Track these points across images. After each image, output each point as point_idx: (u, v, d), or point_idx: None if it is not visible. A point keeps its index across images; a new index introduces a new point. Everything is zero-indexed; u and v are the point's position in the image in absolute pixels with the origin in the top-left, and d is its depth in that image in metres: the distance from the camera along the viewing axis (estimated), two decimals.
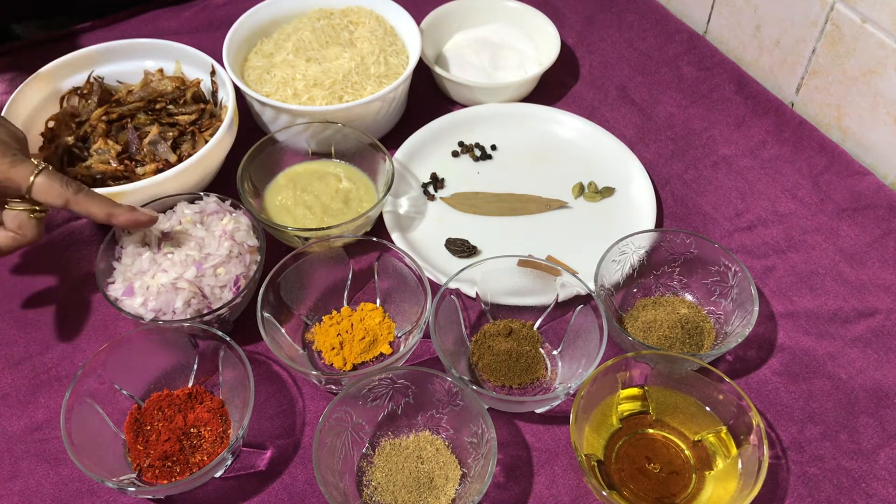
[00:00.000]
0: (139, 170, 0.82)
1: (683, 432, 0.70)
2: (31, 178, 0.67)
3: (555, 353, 0.77)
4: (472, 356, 0.76)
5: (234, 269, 0.74)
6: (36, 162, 0.68)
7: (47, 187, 0.67)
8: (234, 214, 0.78)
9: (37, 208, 0.69)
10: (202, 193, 0.80)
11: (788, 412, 0.74)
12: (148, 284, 0.72)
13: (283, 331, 0.75)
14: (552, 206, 0.90)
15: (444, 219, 0.89)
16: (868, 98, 0.92)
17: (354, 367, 0.75)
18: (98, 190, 0.76)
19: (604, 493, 0.62)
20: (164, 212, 0.78)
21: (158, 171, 0.81)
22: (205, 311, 0.72)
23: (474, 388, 0.67)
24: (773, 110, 1.00)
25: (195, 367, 0.73)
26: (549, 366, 0.76)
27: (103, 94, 0.88)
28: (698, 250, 0.79)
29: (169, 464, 0.67)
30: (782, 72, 1.02)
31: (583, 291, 0.74)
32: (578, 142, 0.96)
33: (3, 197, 0.69)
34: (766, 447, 0.64)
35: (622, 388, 0.71)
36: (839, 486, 0.70)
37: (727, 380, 0.68)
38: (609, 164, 0.93)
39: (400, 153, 0.92)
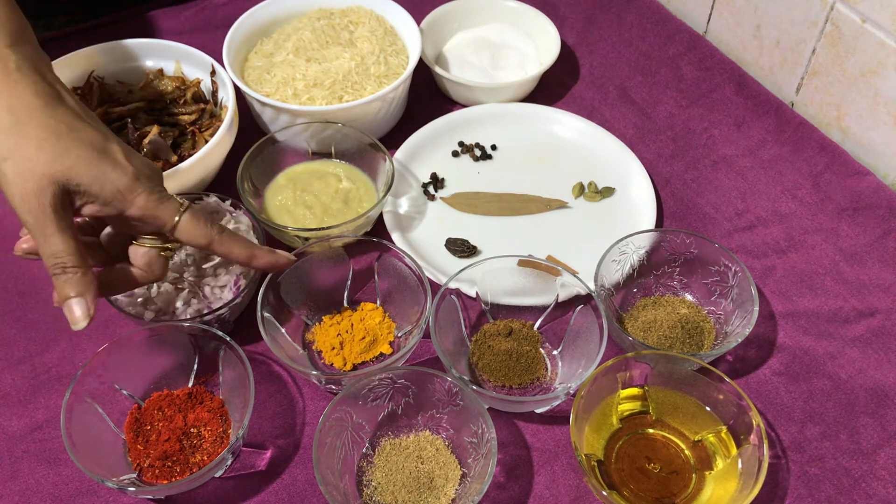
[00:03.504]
0: None
1: (683, 432, 0.70)
2: (177, 217, 0.63)
3: (555, 353, 0.77)
4: (472, 356, 0.76)
5: (234, 269, 0.74)
6: (180, 200, 0.64)
7: (192, 227, 0.64)
8: (234, 214, 0.78)
9: (168, 246, 0.66)
10: (202, 193, 0.80)
11: (788, 412, 0.74)
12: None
13: (283, 331, 0.75)
14: (552, 206, 0.90)
15: (444, 219, 0.89)
16: (868, 98, 0.92)
17: (354, 367, 0.75)
18: None
19: (604, 493, 0.62)
20: None
21: None
22: (205, 311, 0.72)
23: (474, 388, 0.67)
24: (773, 110, 0.99)
25: (195, 367, 0.73)
26: (549, 366, 0.76)
27: (103, 94, 0.88)
28: (698, 250, 0.79)
29: (169, 464, 0.67)
30: (782, 72, 1.02)
31: (583, 291, 0.74)
32: (578, 142, 0.96)
33: (139, 233, 0.65)
34: (766, 447, 0.64)
35: (622, 388, 0.71)
36: (839, 486, 0.70)
37: (727, 380, 0.68)
38: (609, 164, 0.93)
39: (400, 153, 0.92)
